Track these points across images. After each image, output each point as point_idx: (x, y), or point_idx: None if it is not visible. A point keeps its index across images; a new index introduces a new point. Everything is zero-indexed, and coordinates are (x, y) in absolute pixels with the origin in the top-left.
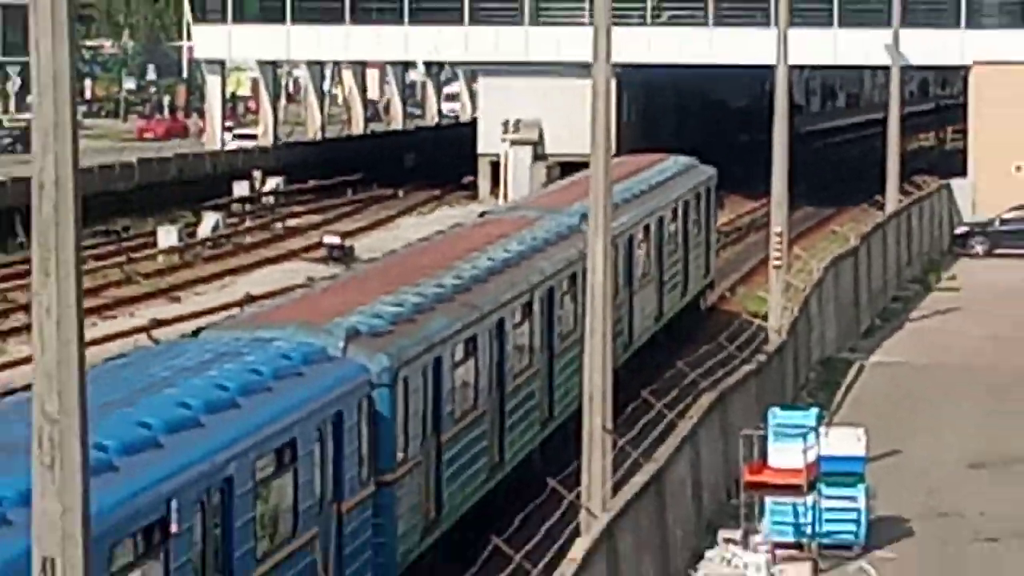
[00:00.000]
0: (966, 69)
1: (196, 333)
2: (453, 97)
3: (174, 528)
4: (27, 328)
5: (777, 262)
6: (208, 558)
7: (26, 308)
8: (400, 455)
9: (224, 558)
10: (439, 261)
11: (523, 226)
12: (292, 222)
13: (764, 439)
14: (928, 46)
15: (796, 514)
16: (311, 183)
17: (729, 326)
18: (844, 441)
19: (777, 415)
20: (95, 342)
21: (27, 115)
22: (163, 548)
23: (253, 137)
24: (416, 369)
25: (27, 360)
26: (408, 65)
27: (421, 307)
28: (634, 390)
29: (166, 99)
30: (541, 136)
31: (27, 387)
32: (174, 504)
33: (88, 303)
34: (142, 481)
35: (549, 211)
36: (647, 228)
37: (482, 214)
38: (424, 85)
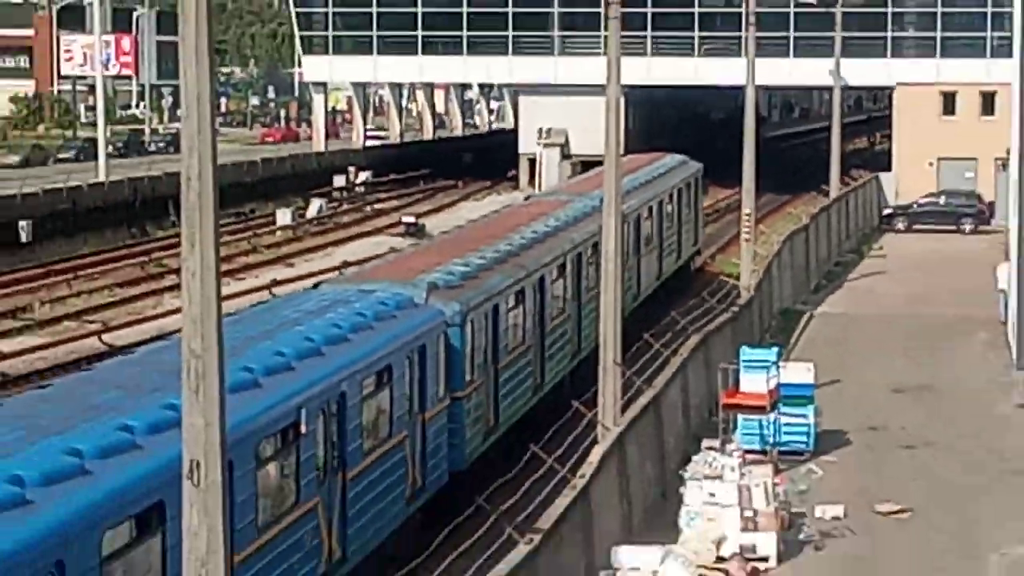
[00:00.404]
0: (891, 89)
1: (316, 286)
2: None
3: (303, 429)
4: (177, 286)
5: (747, 236)
6: (328, 452)
7: (177, 271)
8: (468, 377)
9: (339, 452)
10: (495, 233)
11: (557, 207)
12: (378, 206)
13: (737, 371)
14: (862, 71)
15: (761, 428)
16: (392, 176)
17: (710, 284)
18: (797, 372)
19: (746, 352)
20: (228, 297)
21: (176, 125)
22: (296, 444)
23: (384, 137)
24: (479, 313)
25: (177, 311)
26: (466, 86)
27: (482, 267)
28: (639, 333)
29: (282, 113)
30: (567, 140)
31: (177, 331)
32: (303, 412)
33: (223, 267)
34: (281, 395)
35: (576, 196)
36: (650, 208)
37: (526, 198)
38: (478, 101)
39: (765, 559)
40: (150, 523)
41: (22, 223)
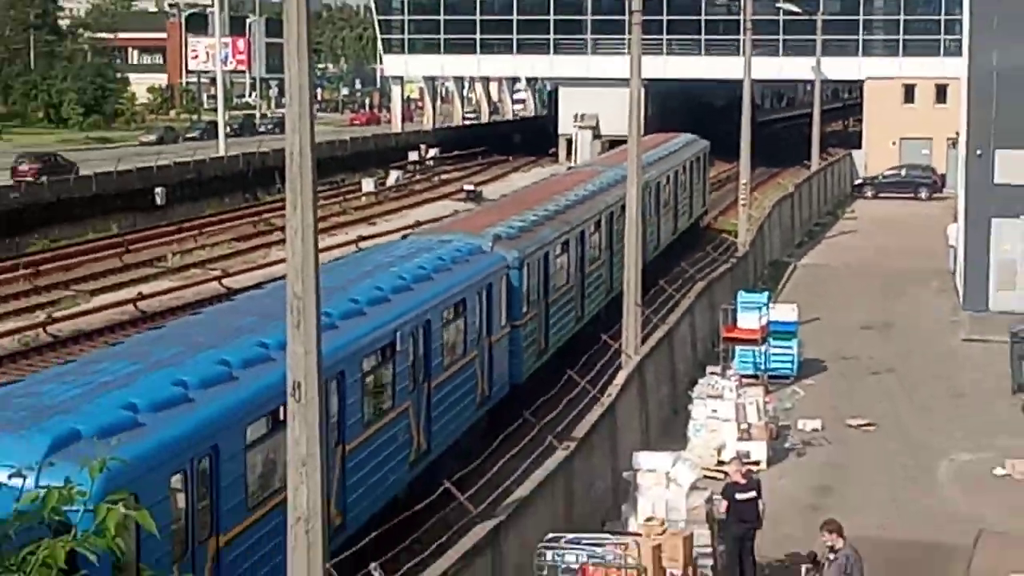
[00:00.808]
0: (862, 82)
1: (404, 236)
2: (520, 101)
3: (398, 348)
4: (282, 241)
5: (743, 201)
6: (417, 365)
7: (282, 229)
8: (524, 310)
9: (425, 366)
10: (543, 196)
11: (593, 176)
12: (443, 176)
13: (735, 311)
14: (838, 67)
15: (754, 357)
16: (455, 152)
17: (714, 240)
18: (784, 312)
19: (743, 296)
20: (324, 250)
21: (281, 110)
22: (392, 359)
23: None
24: (534, 259)
25: (282, 261)
26: (515, 79)
27: (535, 222)
28: (655, 280)
29: (366, 101)
30: (597, 123)
31: (282, 278)
32: (398, 334)
33: (319, 226)
34: (380, 321)
35: (608, 167)
36: (667, 177)
37: (568, 168)
38: (501, 93)
39: (757, 463)
40: (278, 421)
41: (158, 189)
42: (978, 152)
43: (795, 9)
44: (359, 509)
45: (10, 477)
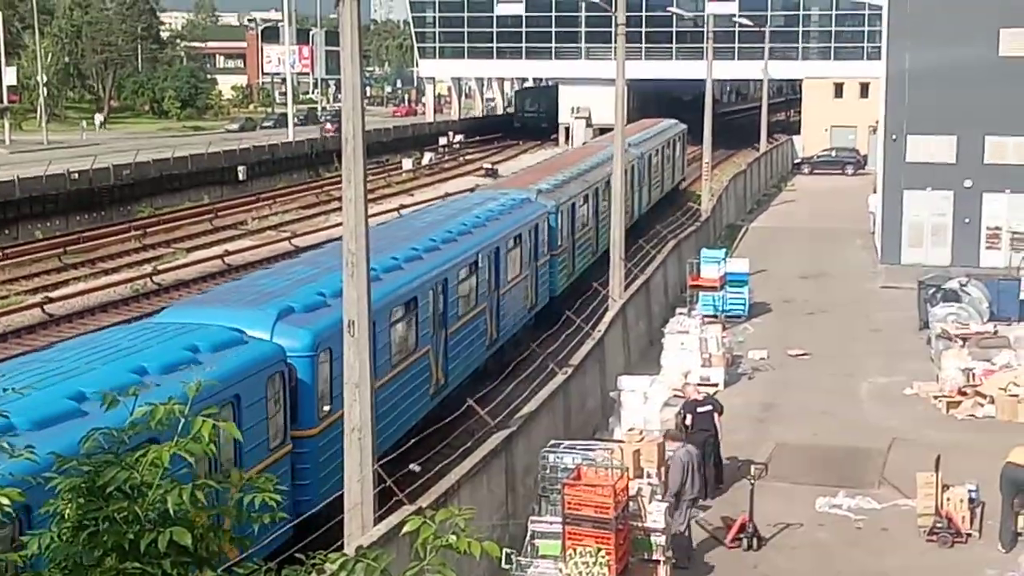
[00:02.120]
0: (801, 80)
1: (472, 190)
2: (491, 100)
3: (479, 265)
4: (339, 209)
5: (705, 177)
6: (491, 279)
7: (339, 199)
8: (560, 243)
9: (496, 279)
10: (569, 163)
11: (601, 149)
12: (467, 156)
13: (699, 264)
14: (782, 69)
15: (714, 301)
16: (476, 137)
17: (681, 208)
18: (738, 265)
19: (705, 252)
20: (373, 215)
21: (338, 104)
22: (475, 273)
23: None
24: (566, 207)
25: (339, 224)
26: (524, 79)
27: (565, 181)
28: (636, 239)
29: (406, 97)
30: (590, 115)
31: (339, 238)
32: (479, 255)
33: (368, 196)
34: (467, 245)
35: (601, 149)
36: (656, 151)
37: (584, 143)
38: (472, 92)
39: (716, 384)
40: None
41: (240, 167)
42: (893, 137)
43: (747, 22)
44: (455, 374)
45: (253, 335)
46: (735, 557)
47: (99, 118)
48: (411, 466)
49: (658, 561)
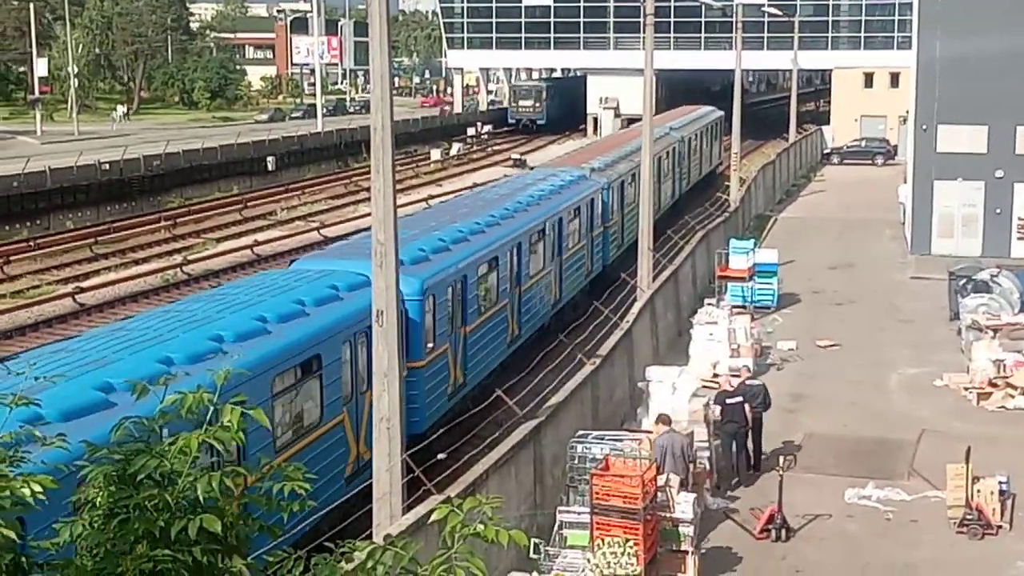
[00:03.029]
0: (831, 71)
1: (532, 169)
2: (491, 92)
3: (546, 233)
4: (368, 199)
5: (734, 167)
6: (555, 246)
7: (367, 189)
8: (611, 216)
9: (559, 248)
10: (616, 144)
11: (637, 136)
12: (495, 147)
13: (727, 254)
14: (811, 59)
15: (743, 291)
16: (504, 128)
17: (710, 198)
18: (767, 255)
19: (734, 242)
20: (402, 206)
21: (367, 95)
22: (543, 239)
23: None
24: (616, 184)
25: (367, 215)
26: (552, 69)
27: (615, 160)
28: (664, 230)
29: (434, 87)
30: (618, 105)
31: (367, 228)
32: (546, 223)
33: (397, 187)
34: (536, 214)
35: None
36: (696, 134)
37: (625, 126)
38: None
39: (744, 383)
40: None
41: (269, 158)
42: (924, 127)
43: (777, 12)
44: (527, 327)
45: (367, 281)
46: (764, 548)
47: (121, 109)
48: (440, 455)
49: (686, 552)
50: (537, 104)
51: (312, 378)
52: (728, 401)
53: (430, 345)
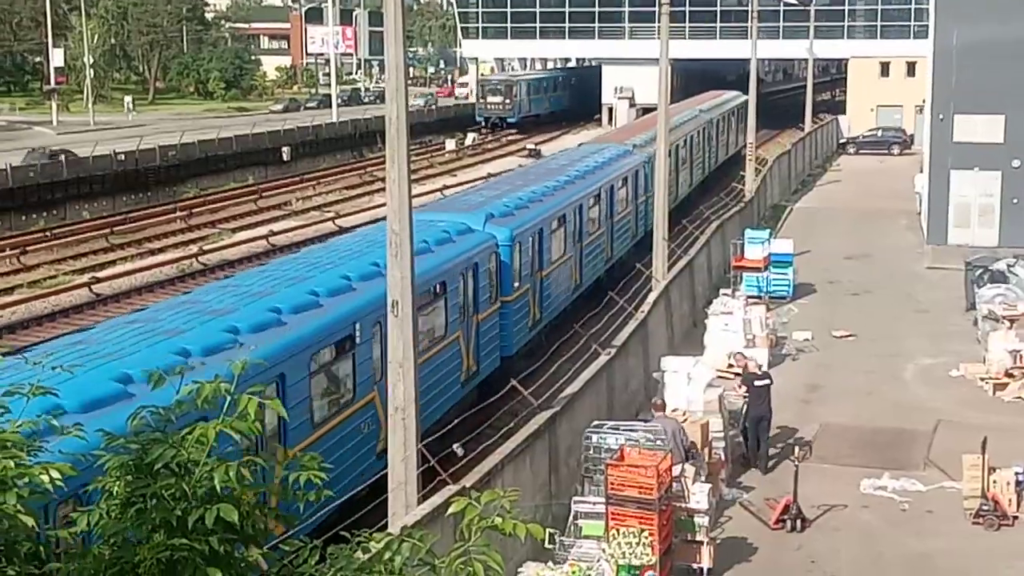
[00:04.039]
0: (847, 60)
1: (579, 146)
2: (464, 84)
3: (602, 198)
4: (383, 189)
5: (750, 157)
6: (607, 211)
7: (382, 179)
8: (651, 187)
9: (610, 212)
10: (648, 126)
11: (674, 115)
12: (510, 137)
13: (743, 244)
14: (827, 48)
15: (758, 281)
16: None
17: (725, 188)
18: (782, 245)
19: (749, 232)
20: (417, 196)
21: (382, 85)
22: (598, 204)
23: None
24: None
25: (382, 205)
26: (567, 59)
27: (645, 142)
28: (679, 220)
29: (449, 77)
30: (633, 95)
31: (383, 218)
32: (601, 190)
33: (412, 177)
34: (584, 186)
35: (679, 112)
36: (723, 116)
37: (637, 116)
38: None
39: (760, 366)
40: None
41: (284, 148)
42: (940, 116)
43: (793, 1)
44: (587, 278)
45: (475, 228)
46: (779, 539)
47: (128, 100)
48: (454, 447)
49: (701, 542)
50: (507, 100)
51: (440, 298)
52: (756, 383)
53: (516, 284)
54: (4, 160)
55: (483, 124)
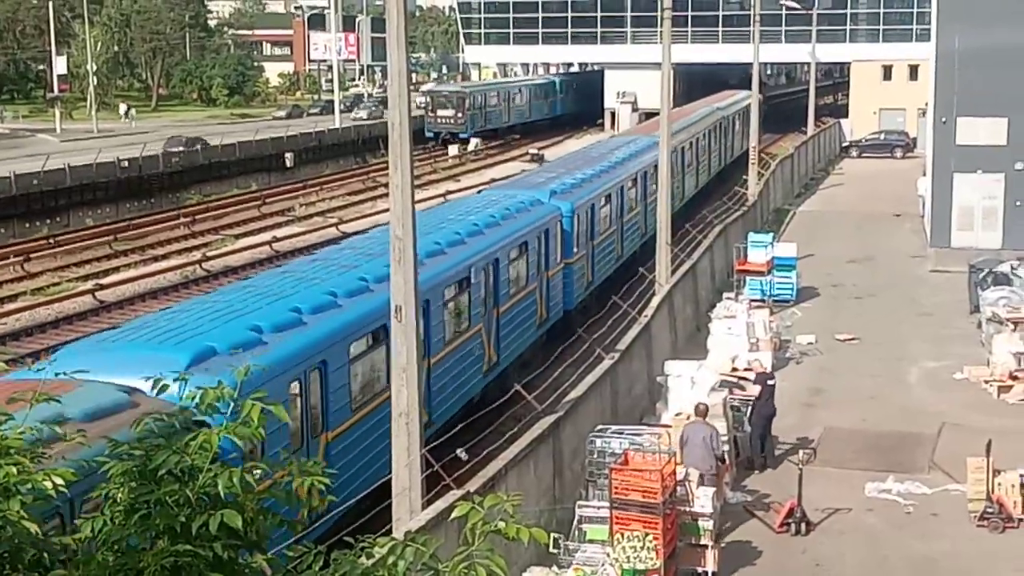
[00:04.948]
0: (849, 63)
1: (611, 137)
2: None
3: (637, 182)
4: (386, 195)
5: (752, 160)
6: (645, 189)
7: (385, 185)
8: (575, 249)
9: (644, 192)
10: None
11: (691, 112)
12: (513, 142)
13: (746, 248)
14: (830, 52)
15: (761, 285)
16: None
17: (727, 192)
18: (785, 249)
19: (752, 236)
20: (420, 201)
21: (384, 91)
22: (636, 185)
23: None
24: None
25: (386, 210)
26: (570, 64)
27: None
28: (682, 224)
29: (451, 82)
30: (635, 99)
31: (386, 224)
32: (639, 174)
33: (415, 183)
34: (625, 169)
35: (695, 108)
36: (738, 114)
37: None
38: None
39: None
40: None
41: (287, 154)
42: (943, 119)
43: (795, 5)
44: (627, 249)
45: (540, 201)
46: (783, 542)
47: (123, 107)
48: (458, 452)
49: (706, 546)
50: (459, 114)
51: (523, 255)
52: (768, 382)
53: (576, 249)
54: (8, 168)
55: (434, 140)
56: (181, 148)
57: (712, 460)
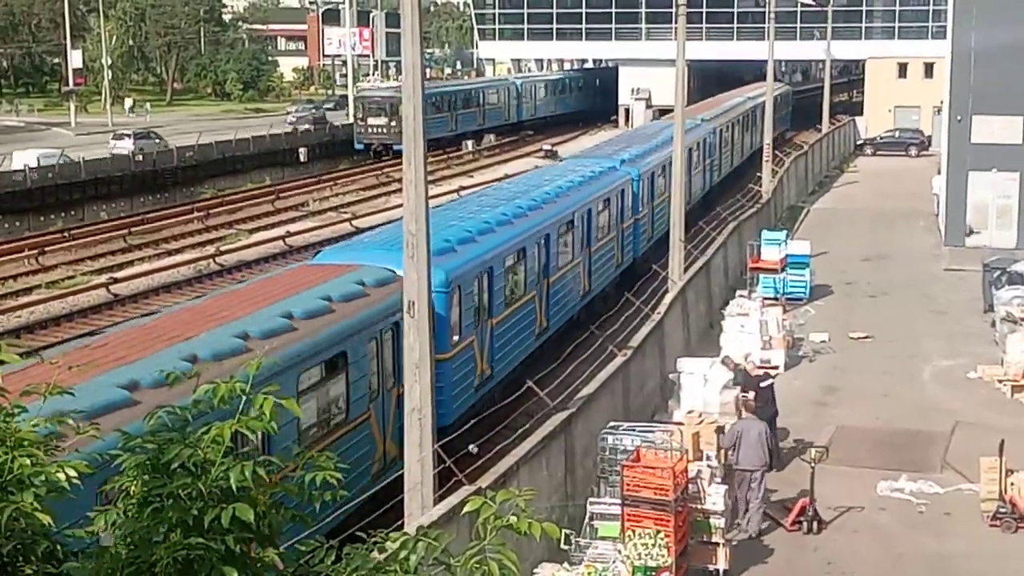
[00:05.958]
0: (864, 60)
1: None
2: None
3: (666, 168)
4: (400, 190)
5: (766, 158)
6: (688, 167)
7: (399, 180)
8: (715, 153)
9: (689, 168)
10: (712, 104)
11: (717, 104)
12: (527, 138)
13: (759, 246)
14: (845, 49)
15: (775, 283)
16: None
17: (742, 189)
18: (799, 246)
19: (766, 234)
20: (433, 197)
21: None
22: (666, 173)
23: None
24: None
25: (399, 206)
26: (584, 60)
27: (718, 115)
28: (695, 221)
29: (465, 78)
30: (650, 96)
31: (400, 219)
32: (690, 151)
33: (428, 178)
34: (662, 155)
35: (719, 103)
36: (755, 108)
37: (699, 102)
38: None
39: (776, 367)
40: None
41: (301, 149)
42: (958, 118)
43: (810, 1)
44: (657, 229)
45: (615, 168)
46: (796, 540)
47: (128, 102)
48: (470, 447)
49: (717, 543)
50: (393, 122)
51: (607, 208)
52: (761, 385)
53: (642, 208)
54: (21, 161)
55: (367, 151)
56: (310, 127)
57: (766, 457)
